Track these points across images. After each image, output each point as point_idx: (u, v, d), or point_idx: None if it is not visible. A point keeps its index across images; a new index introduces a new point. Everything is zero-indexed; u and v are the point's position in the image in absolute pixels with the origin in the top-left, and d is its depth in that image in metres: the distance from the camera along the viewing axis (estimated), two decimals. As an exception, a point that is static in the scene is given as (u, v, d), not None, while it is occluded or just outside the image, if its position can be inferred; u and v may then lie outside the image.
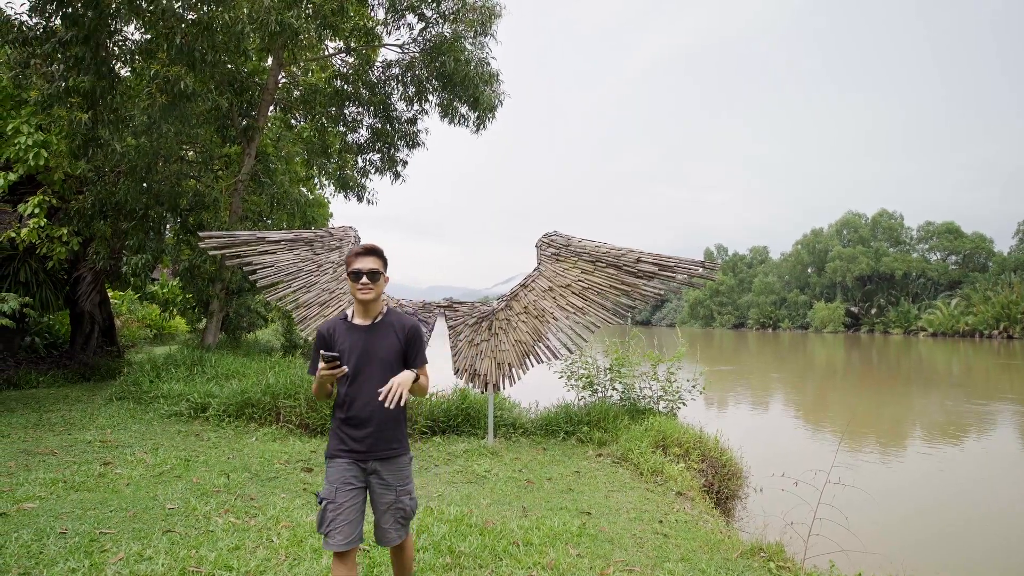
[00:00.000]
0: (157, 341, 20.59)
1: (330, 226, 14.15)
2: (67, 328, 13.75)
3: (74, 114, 8.09)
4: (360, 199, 13.34)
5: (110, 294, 19.30)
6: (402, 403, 2.69)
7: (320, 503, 2.74)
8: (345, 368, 2.67)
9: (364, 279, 2.78)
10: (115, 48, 9.53)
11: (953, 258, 72.45)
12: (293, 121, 14.31)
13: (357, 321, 2.86)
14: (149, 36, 8.53)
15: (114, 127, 8.72)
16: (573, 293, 6.66)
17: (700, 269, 6.32)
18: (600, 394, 8.21)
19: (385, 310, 2.92)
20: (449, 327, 7.01)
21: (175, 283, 14.98)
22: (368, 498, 2.86)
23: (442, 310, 6.98)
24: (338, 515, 2.69)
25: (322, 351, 2.62)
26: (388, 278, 2.93)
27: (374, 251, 2.86)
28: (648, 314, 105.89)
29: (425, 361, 2.91)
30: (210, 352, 10.61)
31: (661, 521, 4.77)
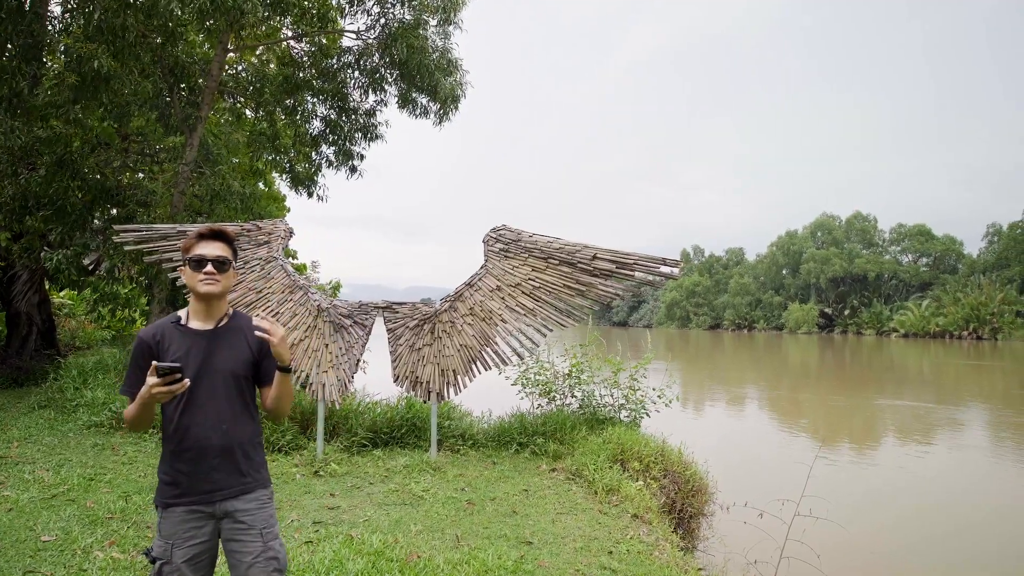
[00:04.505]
0: (116, 343, 19.58)
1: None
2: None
3: None
4: (311, 195, 12.59)
5: (64, 294, 18.35)
6: (273, 337, 2.12)
7: (152, 563, 2.12)
8: (187, 382, 2.02)
9: (209, 267, 2.19)
10: (46, 26, 8.77)
11: (924, 260, 73.45)
12: (249, 112, 13.55)
13: (194, 325, 2.24)
14: (63, 11, 7.78)
15: (8, 114, 7.89)
16: (523, 293, 6.08)
17: (661, 267, 5.80)
18: (558, 402, 7.66)
19: (231, 312, 2.33)
20: (388, 330, 6.40)
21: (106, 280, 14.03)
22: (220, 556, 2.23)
23: (380, 311, 6.36)
24: None
25: (156, 362, 1.95)
26: (237, 272, 2.34)
27: (221, 235, 2.28)
28: (625, 315, 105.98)
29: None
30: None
31: (611, 552, 4.23)
